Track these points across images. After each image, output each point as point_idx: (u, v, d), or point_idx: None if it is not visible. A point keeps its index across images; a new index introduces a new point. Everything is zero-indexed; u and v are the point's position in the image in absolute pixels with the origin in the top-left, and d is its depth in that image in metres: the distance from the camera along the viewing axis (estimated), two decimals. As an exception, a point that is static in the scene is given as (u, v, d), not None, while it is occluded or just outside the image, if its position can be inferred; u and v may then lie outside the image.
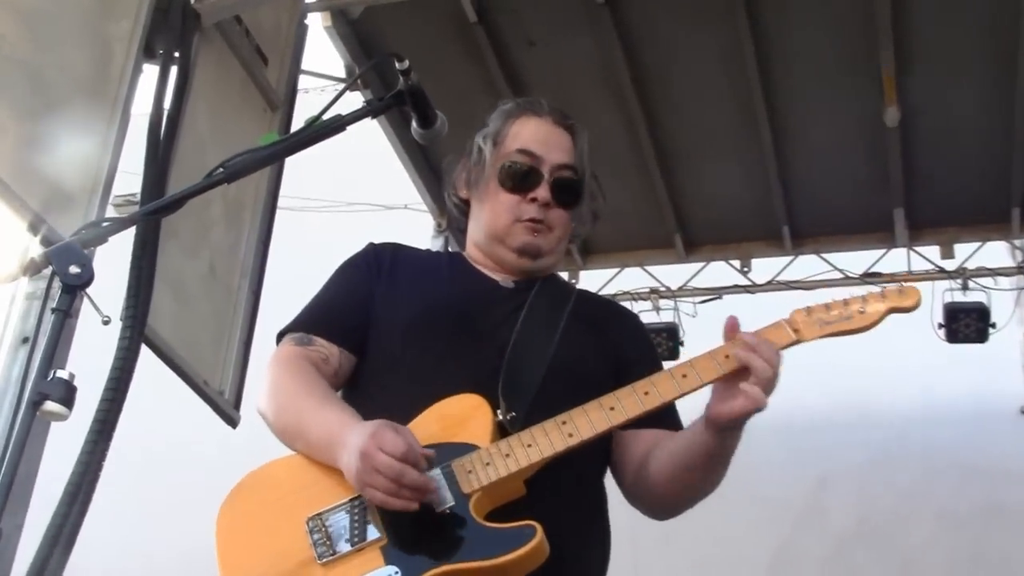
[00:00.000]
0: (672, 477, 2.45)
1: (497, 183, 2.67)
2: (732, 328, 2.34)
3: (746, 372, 2.27)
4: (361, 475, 2.17)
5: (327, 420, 2.34)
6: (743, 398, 2.25)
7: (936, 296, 7.04)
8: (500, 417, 2.35)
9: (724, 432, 2.32)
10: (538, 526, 2.19)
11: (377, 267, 2.68)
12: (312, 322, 2.60)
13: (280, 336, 2.62)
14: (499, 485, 2.27)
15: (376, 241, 2.79)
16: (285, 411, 2.45)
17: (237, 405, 4.72)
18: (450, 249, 6.60)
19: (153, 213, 2.22)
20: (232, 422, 4.70)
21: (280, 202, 5.22)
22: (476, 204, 2.75)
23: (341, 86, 6.21)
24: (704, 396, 2.36)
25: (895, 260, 7.21)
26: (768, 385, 2.25)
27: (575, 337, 2.60)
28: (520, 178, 2.66)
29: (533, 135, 2.72)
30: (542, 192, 2.65)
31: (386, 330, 2.56)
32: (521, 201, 2.65)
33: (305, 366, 2.50)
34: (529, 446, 2.29)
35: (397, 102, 2.28)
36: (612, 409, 2.33)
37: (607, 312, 2.83)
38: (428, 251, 2.93)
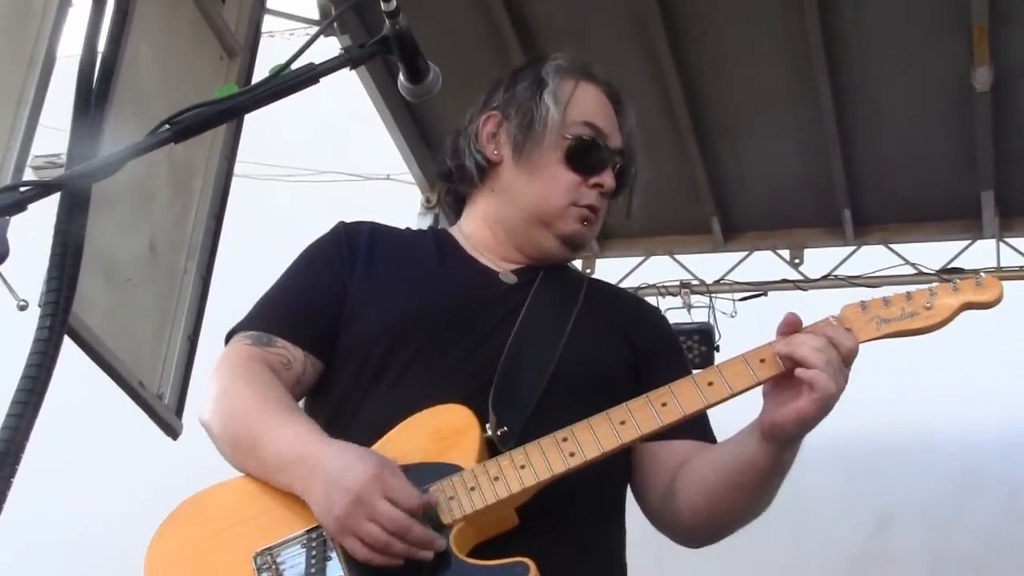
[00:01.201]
0: (714, 498, 2.45)
1: (561, 156, 2.68)
2: (790, 326, 2.33)
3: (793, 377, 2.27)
4: (347, 520, 2.18)
5: (288, 436, 2.34)
6: (804, 399, 2.24)
7: (1030, 300, 7.02)
8: (489, 432, 2.36)
9: (783, 444, 2.31)
10: (531, 564, 2.21)
11: (351, 253, 2.68)
12: (273, 319, 2.60)
13: (231, 335, 2.61)
14: (485, 514, 2.27)
15: (348, 220, 2.78)
16: (235, 421, 2.45)
17: (179, 412, 4.71)
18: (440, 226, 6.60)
19: (83, 178, 2.20)
20: (173, 432, 4.69)
21: (238, 169, 5.20)
22: (518, 174, 2.74)
23: (314, 29, 6.19)
24: (745, 404, 2.36)
25: (981, 254, 7.17)
26: (827, 385, 2.22)
27: (586, 337, 2.61)
28: (588, 157, 2.70)
29: (597, 108, 2.77)
30: (608, 179, 2.70)
31: (362, 332, 2.57)
32: (582, 183, 2.67)
33: (261, 370, 2.50)
34: (522, 467, 2.30)
35: (381, 50, 2.27)
36: (623, 424, 2.33)
37: (625, 307, 2.84)
38: (409, 230, 2.93)
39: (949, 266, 7.17)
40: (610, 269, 7.35)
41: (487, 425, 2.37)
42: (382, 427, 2.38)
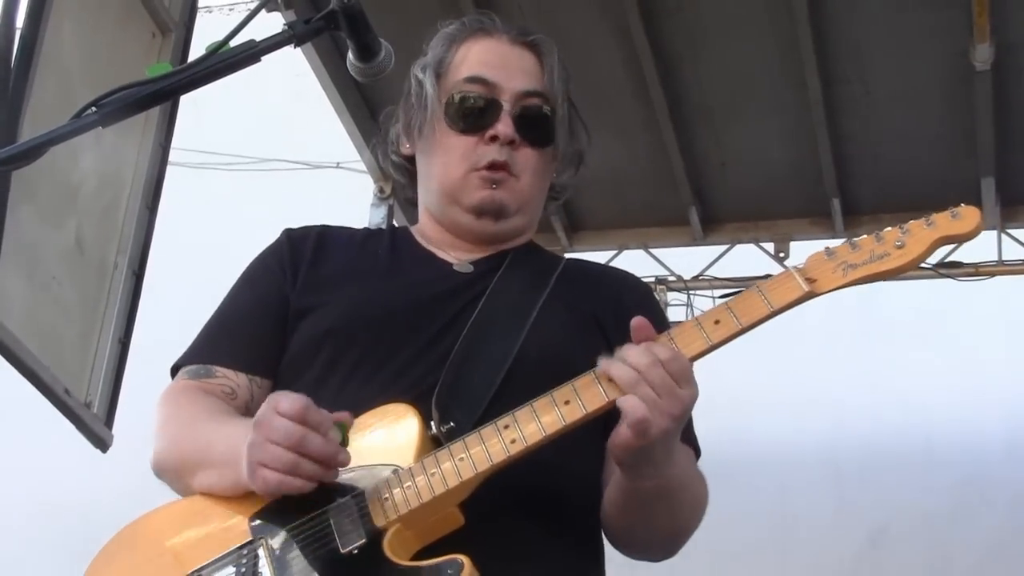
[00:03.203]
0: (612, 514, 2.49)
1: (445, 125, 2.69)
2: (638, 332, 2.29)
3: None
4: (253, 451, 2.21)
5: (235, 432, 2.36)
6: (621, 425, 2.22)
7: (1035, 294, 7.05)
8: (434, 429, 2.36)
9: (629, 472, 2.32)
10: (465, 559, 2.20)
11: (293, 262, 2.71)
12: (211, 349, 2.65)
13: (174, 370, 2.66)
14: (424, 513, 2.27)
15: (295, 224, 2.80)
16: (183, 439, 2.50)
17: (109, 422, 4.69)
18: (395, 222, 6.60)
19: (0, 165, 2.19)
20: (102, 444, 4.67)
21: (174, 156, 5.18)
22: (423, 159, 2.79)
23: (255, 3, 6.21)
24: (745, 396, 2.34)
25: (981, 245, 7.16)
26: (634, 410, 2.19)
27: (551, 326, 2.61)
28: (473, 114, 2.70)
29: (484, 59, 2.76)
30: (503, 127, 2.68)
31: (303, 340, 2.61)
32: (478, 143, 2.68)
33: (201, 395, 2.55)
34: (460, 459, 2.28)
35: (328, 26, 2.26)
36: (567, 404, 2.29)
37: (604, 290, 2.81)
38: (366, 230, 2.95)
39: (947, 260, 7.19)
40: (579, 264, 7.33)
41: (431, 422, 2.36)
42: None
